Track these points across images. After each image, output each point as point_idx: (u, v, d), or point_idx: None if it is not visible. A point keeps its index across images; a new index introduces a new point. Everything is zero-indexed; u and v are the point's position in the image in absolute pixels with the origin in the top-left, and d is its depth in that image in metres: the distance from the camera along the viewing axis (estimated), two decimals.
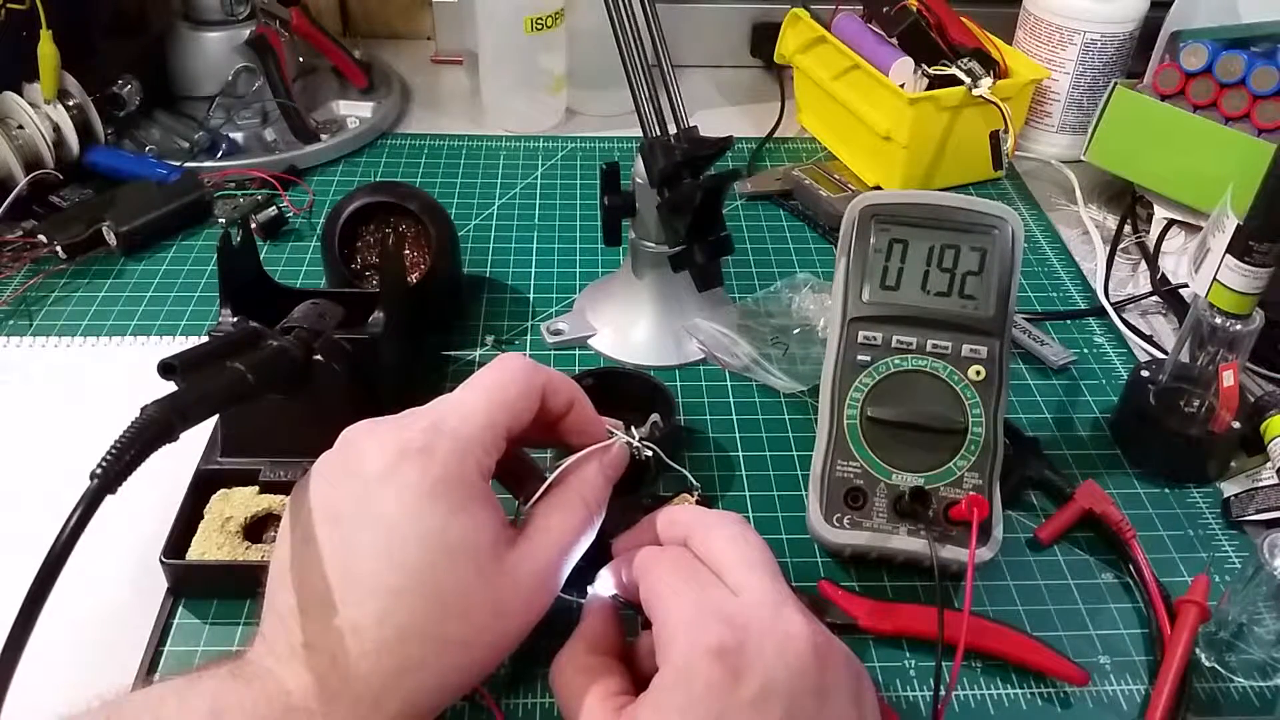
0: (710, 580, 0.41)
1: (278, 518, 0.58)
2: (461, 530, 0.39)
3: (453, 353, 0.73)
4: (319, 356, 0.56)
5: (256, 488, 0.58)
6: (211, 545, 0.55)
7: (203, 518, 0.57)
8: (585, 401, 0.49)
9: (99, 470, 0.40)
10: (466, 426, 0.41)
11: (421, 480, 0.39)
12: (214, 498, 0.58)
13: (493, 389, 0.44)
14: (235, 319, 0.58)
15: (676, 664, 0.37)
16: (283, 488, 0.58)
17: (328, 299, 0.63)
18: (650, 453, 0.57)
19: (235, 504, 0.57)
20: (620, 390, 0.65)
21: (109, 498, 0.39)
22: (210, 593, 0.55)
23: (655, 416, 0.61)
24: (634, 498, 0.58)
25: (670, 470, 0.60)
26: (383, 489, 0.39)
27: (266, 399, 0.51)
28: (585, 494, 0.45)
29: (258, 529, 0.57)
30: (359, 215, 0.72)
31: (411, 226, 0.73)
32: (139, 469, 0.40)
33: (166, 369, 0.48)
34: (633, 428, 0.59)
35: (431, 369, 0.71)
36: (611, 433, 0.50)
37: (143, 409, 0.43)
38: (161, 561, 0.54)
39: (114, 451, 0.41)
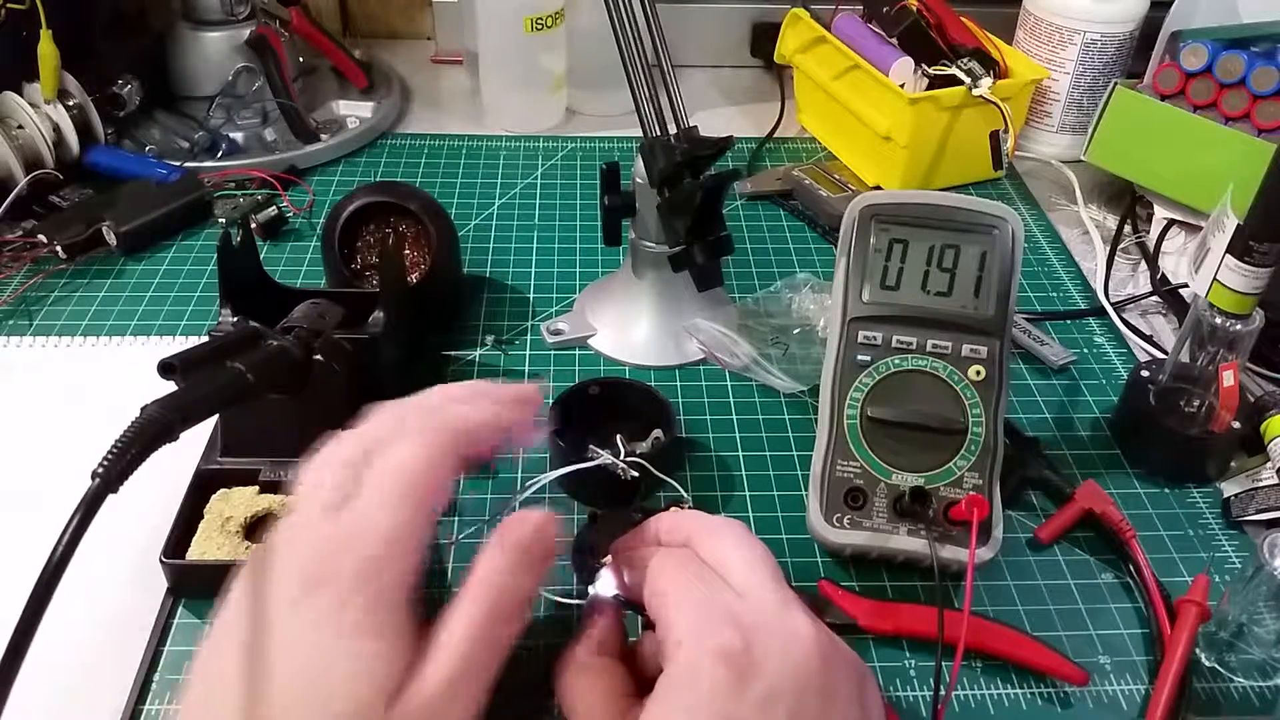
0: (716, 582, 0.41)
1: (278, 517, 0.57)
2: (344, 675, 0.35)
3: (453, 353, 0.73)
4: (319, 356, 0.56)
5: (256, 488, 0.58)
6: (212, 545, 0.55)
7: (203, 518, 0.57)
8: (504, 408, 0.45)
9: (100, 470, 0.40)
10: (375, 549, 0.38)
11: (317, 613, 0.36)
12: (214, 498, 0.58)
13: (407, 491, 0.39)
14: (236, 318, 0.58)
15: (683, 665, 0.37)
16: (283, 487, 0.58)
17: (328, 299, 0.63)
18: (635, 474, 0.58)
19: (235, 504, 0.57)
20: (621, 400, 0.66)
21: (109, 497, 0.39)
22: (211, 592, 0.55)
23: (657, 432, 0.61)
24: (625, 511, 0.58)
25: (663, 484, 0.60)
26: (282, 615, 0.37)
27: (267, 399, 0.51)
28: (482, 591, 0.39)
29: (258, 529, 0.58)
30: (359, 215, 0.72)
31: (411, 226, 0.73)
32: (139, 469, 0.40)
33: (166, 369, 0.48)
34: (619, 440, 0.60)
35: (431, 369, 0.71)
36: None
37: (143, 408, 0.43)
38: (162, 561, 0.54)
39: (115, 451, 0.41)
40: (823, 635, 0.39)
